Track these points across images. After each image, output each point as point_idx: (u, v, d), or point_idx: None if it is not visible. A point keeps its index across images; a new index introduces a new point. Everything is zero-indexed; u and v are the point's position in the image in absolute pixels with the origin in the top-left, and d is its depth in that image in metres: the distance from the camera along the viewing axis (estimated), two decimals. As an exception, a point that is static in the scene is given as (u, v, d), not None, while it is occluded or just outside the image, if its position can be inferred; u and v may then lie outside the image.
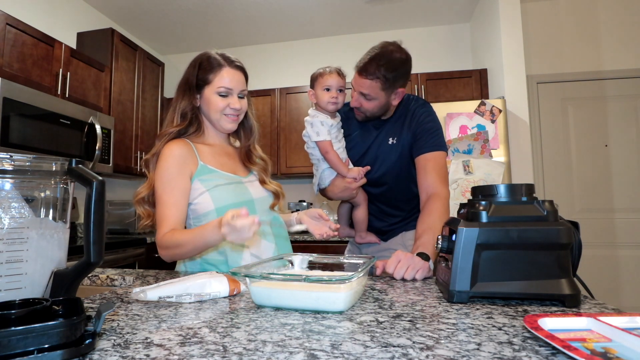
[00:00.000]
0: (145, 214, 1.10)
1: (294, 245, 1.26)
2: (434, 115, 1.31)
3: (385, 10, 3.43)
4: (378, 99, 1.22)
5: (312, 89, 1.33)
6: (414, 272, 0.91)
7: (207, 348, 0.46)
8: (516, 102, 2.78)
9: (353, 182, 1.28)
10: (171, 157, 1.06)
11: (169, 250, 1.01)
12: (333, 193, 1.33)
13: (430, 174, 1.22)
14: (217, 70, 1.11)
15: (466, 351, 0.44)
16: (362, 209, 1.37)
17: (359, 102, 1.25)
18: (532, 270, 0.66)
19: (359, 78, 1.21)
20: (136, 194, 1.10)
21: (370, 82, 1.18)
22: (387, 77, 1.17)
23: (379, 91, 1.20)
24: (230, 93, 1.12)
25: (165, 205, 1.04)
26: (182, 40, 3.96)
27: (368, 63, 1.18)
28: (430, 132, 1.26)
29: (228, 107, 1.11)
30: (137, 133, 3.22)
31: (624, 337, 0.43)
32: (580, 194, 3.19)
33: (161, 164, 1.06)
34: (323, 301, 0.62)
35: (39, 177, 0.57)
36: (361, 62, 1.20)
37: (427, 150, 1.24)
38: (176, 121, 1.13)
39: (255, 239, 1.11)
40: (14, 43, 2.21)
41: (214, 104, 1.11)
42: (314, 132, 1.29)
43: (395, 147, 1.31)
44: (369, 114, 1.28)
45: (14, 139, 2.09)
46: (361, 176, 1.29)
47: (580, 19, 3.27)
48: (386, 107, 1.27)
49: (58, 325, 0.42)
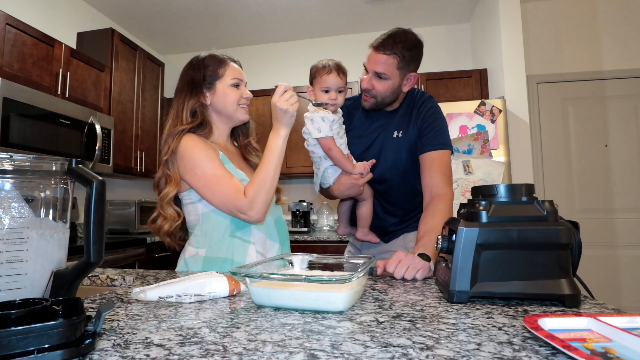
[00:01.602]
0: (175, 215, 1.10)
1: (293, 245, 1.26)
2: (440, 111, 1.29)
3: (385, 10, 3.43)
4: (392, 79, 1.19)
5: (311, 85, 1.28)
6: (414, 272, 0.91)
7: (207, 348, 0.46)
8: (516, 102, 2.78)
9: (360, 178, 1.24)
10: (196, 144, 1.08)
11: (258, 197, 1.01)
12: (339, 191, 1.28)
13: (436, 174, 1.20)
14: (225, 65, 1.16)
15: (466, 351, 0.44)
16: (367, 204, 1.32)
17: (371, 84, 1.21)
18: (532, 270, 0.66)
19: (375, 54, 1.18)
20: (165, 195, 1.08)
21: (387, 58, 1.17)
22: (404, 55, 1.17)
23: (395, 69, 1.18)
24: (241, 83, 1.18)
25: (222, 178, 1.04)
26: (182, 40, 3.96)
27: (386, 39, 1.17)
28: (437, 130, 1.24)
29: (242, 97, 1.16)
30: (137, 133, 3.22)
31: (624, 337, 0.43)
32: (580, 194, 3.19)
33: (189, 153, 1.06)
34: (323, 301, 0.62)
35: (39, 177, 0.57)
36: (378, 40, 1.19)
37: (432, 148, 1.22)
38: (186, 119, 1.13)
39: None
40: (14, 43, 2.21)
41: (230, 96, 1.14)
42: (315, 128, 1.23)
43: (401, 140, 1.27)
44: (380, 99, 1.23)
45: (14, 139, 2.09)
46: (367, 171, 1.25)
47: (580, 19, 3.27)
48: (397, 92, 1.24)
49: (58, 325, 0.42)
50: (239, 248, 1.10)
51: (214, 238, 1.10)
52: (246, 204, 1.02)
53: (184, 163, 1.07)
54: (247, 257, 1.10)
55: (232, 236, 1.11)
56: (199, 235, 1.12)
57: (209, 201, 1.08)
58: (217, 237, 1.10)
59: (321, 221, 3.65)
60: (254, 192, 1.02)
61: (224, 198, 1.04)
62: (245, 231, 1.12)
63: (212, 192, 1.05)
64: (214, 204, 1.07)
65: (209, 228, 1.11)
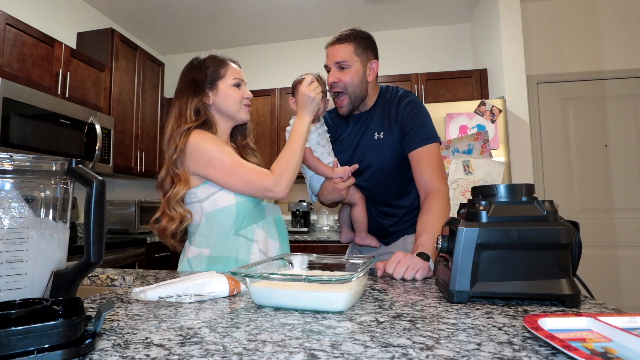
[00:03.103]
0: (186, 214, 1.09)
1: (293, 245, 1.27)
2: (419, 105, 1.27)
3: (385, 10, 3.43)
4: (353, 66, 1.22)
5: (293, 97, 1.27)
6: (413, 272, 0.91)
7: (207, 348, 0.46)
8: (516, 102, 2.78)
9: (340, 182, 1.26)
10: (208, 137, 1.10)
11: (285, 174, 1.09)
12: (324, 196, 1.32)
13: (425, 170, 1.20)
14: (225, 65, 1.17)
15: (466, 351, 0.44)
16: (359, 209, 1.35)
17: (336, 77, 1.24)
18: (532, 270, 0.66)
19: (332, 48, 1.25)
20: (174, 194, 1.07)
21: (342, 46, 1.23)
22: (358, 42, 1.23)
23: (353, 56, 1.22)
24: (242, 83, 1.20)
25: (242, 164, 1.09)
26: (182, 40, 3.96)
27: (337, 36, 1.25)
28: (418, 125, 1.23)
29: (244, 97, 1.18)
30: (137, 133, 3.22)
31: (624, 337, 0.43)
32: (580, 194, 3.19)
33: (203, 146, 1.07)
34: (323, 301, 0.62)
35: (39, 177, 0.57)
36: (330, 39, 1.27)
37: (417, 145, 1.22)
38: (190, 118, 1.12)
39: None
40: (14, 43, 2.21)
41: (232, 96, 1.16)
42: None
43: (383, 142, 1.28)
44: (350, 91, 1.24)
45: (14, 139, 2.09)
46: (348, 175, 1.26)
47: (580, 19, 3.27)
48: (364, 83, 1.25)
49: (58, 325, 0.42)
50: (243, 246, 1.11)
51: (218, 237, 1.11)
52: (273, 181, 1.07)
53: (198, 157, 1.07)
54: (251, 255, 1.11)
55: (237, 235, 1.11)
56: (203, 235, 1.11)
57: (231, 188, 1.09)
58: (222, 236, 1.11)
59: (321, 221, 3.65)
60: (282, 170, 1.09)
61: (250, 181, 1.07)
62: (248, 230, 1.13)
63: (235, 179, 1.07)
64: (237, 189, 1.09)
65: (214, 227, 1.11)
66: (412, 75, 3.28)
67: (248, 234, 1.13)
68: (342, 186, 1.26)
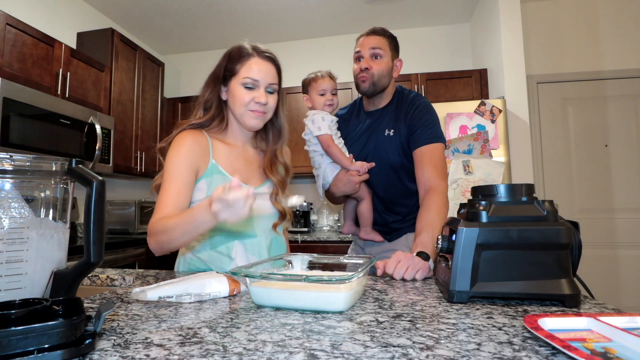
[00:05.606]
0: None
1: (293, 245, 1.26)
2: (429, 106, 1.32)
3: (385, 10, 3.43)
4: (385, 57, 1.30)
5: (306, 94, 1.39)
6: (413, 272, 0.91)
7: (207, 348, 0.46)
8: (516, 102, 2.78)
9: (356, 175, 1.28)
10: (182, 146, 1.02)
11: (157, 236, 0.92)
12: (337, 188, 1.33)
13: (427, 168, 1.22)
14: (244, 60, 1.05)
15: (466, 351, 0.44)
16: (366, 203, 1.37)
17: (368, 63, 1.30)
18: (532, 270, 0.66)
19: (369, 37, 1.31)
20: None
21: (380, 38, 1.31)
22: (391, 39, 1.33)
23: (387, 49, 1.31)
24: (257, 85, 1.05)
25: (166, 192, 0.97)
26: (182, 40, 3.96)
27: (372, 28, 1.33)
28: (425, 125, 1.26)
29: (253, 102, 1.03)
30: (137, 133, 3.22)
31: (624, 337, 0.43)
32: (580, 194, 3.19)
33: (171, 152, 1.02)
34: (323, 301, 0.62)
35: (39, 177, 0.57)
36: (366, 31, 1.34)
37: (422, 143, 1.25)
38: (198, 114, 1.09)
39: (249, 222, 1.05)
40: (14, 43, 2.20)
41: (238, 97, 1.04)
42: (316, 127, 1.32)
43: (392, 139, 1.31)
44: (376, 78, 1.30)
45: (14, 139, 2.09)
46: (365, 170, 1.30)
47: (580, 19, 3.27)
48: (389, 77, 1.32)
49: (58, 325, 0.42)
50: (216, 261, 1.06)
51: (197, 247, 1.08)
52: (149, 227, 0.95)
53: (166, 158, 1.04)
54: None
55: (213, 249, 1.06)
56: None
57: None
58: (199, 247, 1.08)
59: (321, 221, 3.65)
60: (159, 228, 0.92)
61: (155, 207, 0.98)
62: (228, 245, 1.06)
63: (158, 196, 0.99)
64: None
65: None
66: (412, 75, 3.28)
67: (224, 250, 1.06)
68: (357, 179, 1.29)
